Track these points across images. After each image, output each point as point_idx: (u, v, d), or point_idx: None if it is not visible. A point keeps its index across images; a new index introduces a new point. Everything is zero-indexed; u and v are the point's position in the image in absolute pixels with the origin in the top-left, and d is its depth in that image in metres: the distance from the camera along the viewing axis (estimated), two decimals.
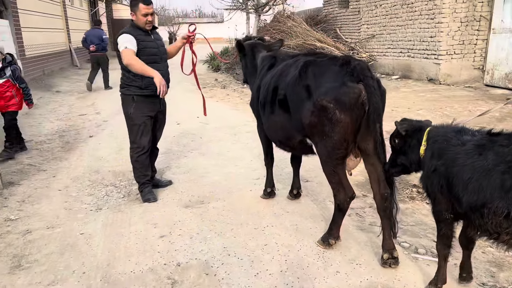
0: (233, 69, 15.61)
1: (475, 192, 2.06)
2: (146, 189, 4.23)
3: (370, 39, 12.85)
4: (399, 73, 11.54)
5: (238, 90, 11.45)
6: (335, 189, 3.00)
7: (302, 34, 13.38)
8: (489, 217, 2.03)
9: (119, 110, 5.76)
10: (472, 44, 9.83)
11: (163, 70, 4.12)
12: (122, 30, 4.04)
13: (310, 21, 14.91)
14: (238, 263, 3.00)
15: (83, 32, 12.99)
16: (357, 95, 2.72)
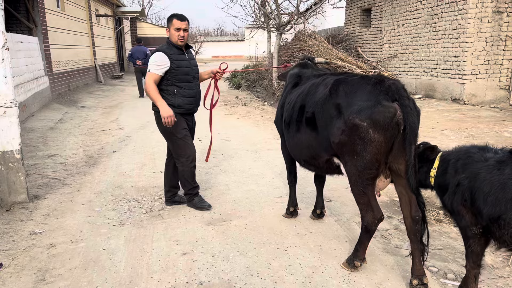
0: (254, 86, 15.73)
1: (493, 205, 2.17)
2: (197, 198, 4.37)
3: (392, 58, 12.79)
4: (422, 93, 11.41)
5: (259, 108, 11.49)
6: (363, 210, 2.93)
7: (324, 53, 13.40)
8: (505, 227, 2.11)
9: (142, 126, 5.80)
10: (497, 64, 9.67)
11: (195, 90, 4.26)
12: (157, 47, 4.18)
13: (332, 40, 14.95)
14: (261, 283, 2.94)
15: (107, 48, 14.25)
16: (393, 114, 2.67)
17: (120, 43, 25.86)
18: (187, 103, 4.18)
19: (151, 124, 9.16)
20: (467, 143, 6.32)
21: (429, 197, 4.55)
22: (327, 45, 13.96)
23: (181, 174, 4.33)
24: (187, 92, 4.16)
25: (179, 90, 4.12)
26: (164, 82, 4.09)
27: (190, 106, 4.22)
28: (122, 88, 17.66)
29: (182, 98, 4.13)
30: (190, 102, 4.21)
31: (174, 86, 4.10)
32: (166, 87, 4.10)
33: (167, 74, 4.06)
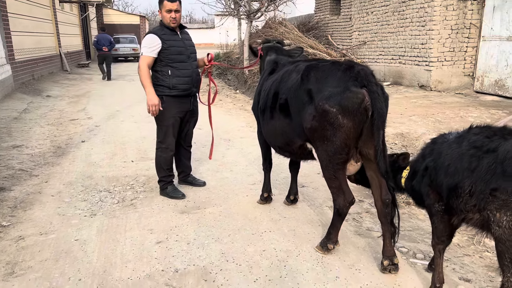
0: (225, 74, 15.62)
1: (452, 175, 2.28)
2: (170, 187, 4.36)
3: (361, 46, 12.96)
4: (390, 80, 11.64)
5: (231, 96, 11.44)
6: (335, 194, 2.99)
7: (294, 40, 13.43)
8: (461, 195, 2.23)
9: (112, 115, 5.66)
10: (462, 51, 9.96)
11: (191, 69, 4.20)
12: (148, 31, 4.11)
13: (302, 28, 15.00)
14: (237, 269, 2.97)
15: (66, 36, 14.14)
16: (361, 100, 2.71)
17: (86, 31, 25.06)
18: (182, 83, 4.11)
19: (121, 113, 9.02)
20: (434, 128, 6.52)
21: None
22: (297, 33, 14.00)
23: (158, 159, 4.33)
24: (181, 72, 4.10)
25: (173, 71, 4.07)
26: (158, 64, 4.05)
27: (186, 87, 4.15)
28: (89, 76, 17.18)
29: (177, 79, 4.07)
30: (186, 82, 4.13)
31: (168, 67, 4.05)
32: (161, 68, 4.06)
33: (160, 55, 4.02)
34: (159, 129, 4.24)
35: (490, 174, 2.09)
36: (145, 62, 3.99)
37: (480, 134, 2.29)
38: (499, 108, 7.90)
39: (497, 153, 2.09)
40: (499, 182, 2.04)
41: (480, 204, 2.14)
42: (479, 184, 2.14)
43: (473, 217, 2.24)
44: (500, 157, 2.07)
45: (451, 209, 2.38)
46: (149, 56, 3.99)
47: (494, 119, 7.07)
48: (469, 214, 2.26)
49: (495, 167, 2.08)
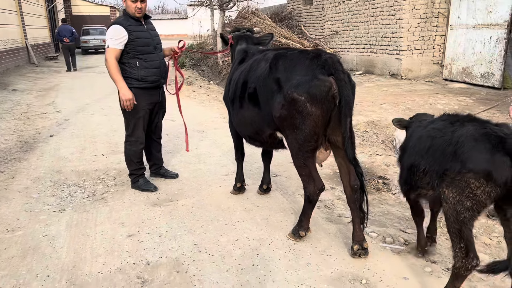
0: (199, 65, 15.46)
1: (413, 155, 2.44)
2: (142, 180, 4.29)
3: (334, 35, 13.05)
4: (362, 69, 11.78)
5: (205, 87, 11.34)
6: (305, 181, 3.01)
7: (267, 31, 13.40)
8: (417, 174, 2.38)
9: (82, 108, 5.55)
10: (431, 40, 10.17)
11: (158, 61, 4.13)
12: (114, 20, 4.02)
13: (275, 18, 14.97)
14: (210, 259, 2.96)
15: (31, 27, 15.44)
16: (328, 88, 2.73)
17: (53, 22, 24.27)
18: (151, 75, 4.05)
19: (91, 106, 8.82)
20: (404, 115, 6.64)
21: (369, 167, 4.77)
22: (270, 23, 13.96)
23: (127, 153, 4.25)
24: (149, 64, 4.03)
25: (141, 62, 3.99)
26: (125, 56, 3.95)
27: (155, 78, 4.09)
28: (58, 69, 16.68)
29: (145, 70, 4.00)
30: (155, 73, 4.08)
31: (136, 59, 3.97)
32: (128, 60, 3.97)
33: (126, 46, 3.91)
34: (128, 122, 4.15)
35: (444, 155, 2.22)
36: (113, 55, 3.87)
37: (447, 120, 2.42)
38: (466, 95, 8.12)
39: (452, 137, 2.22)
40: (449, 162, 2.17)
41: (434, 182, 2.28)
42: (433, 164, 2.28)
43: (427, 193, 2.42)
44: (453, 141, 2.20)
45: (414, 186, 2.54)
46: (116, 49, 3.88)
47: (461, 105, 7.26)
48: (423, 190, 2.44)
49: (448, 149, 2.20)
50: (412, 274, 2.75)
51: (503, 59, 8.48)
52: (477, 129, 2.17)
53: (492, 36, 8.67)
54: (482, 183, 2.07)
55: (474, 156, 2.09)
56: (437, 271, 2.78)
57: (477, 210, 2.14)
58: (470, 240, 2.20)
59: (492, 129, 2.14)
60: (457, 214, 2.16)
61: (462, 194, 2.13)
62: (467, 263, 2.20)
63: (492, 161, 2.05)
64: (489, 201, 2.12)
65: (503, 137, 2.08)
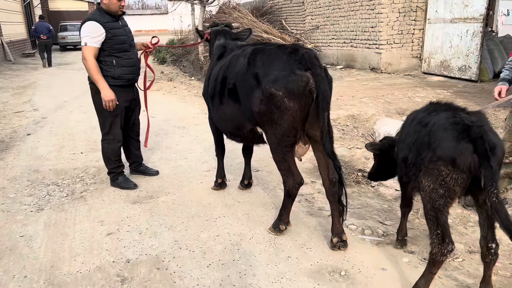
0: (180, 61, 15.33)
1: (404, 149, 2.47)
2: (121, 177, 4.25)
3: (314, 30, 13.09)
4: (343, 63, 11.87)
5: (186, 83, 11.26)
6: (284, 175, 3.03)
7: (248, 26, 13.36)
8: (409, 166, 2.41)
9: (60, 106, 5.44)
10: (410, 34, 10.29)
11: (134, 58, 4.09)
12: (87, 16, 3.91)
13: (256, 12, 14.94)
14: (190, 255, 2.96)
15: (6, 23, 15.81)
16: (305, 83, 2.75)
17: (30, 18, 23.72)
18: (127, 73, 4.01)
19: (69, 104, 8.67)
20: (384, 109, 6.73)
21: (349, 161, 4.82)
22: (251, 18, 13.93)
23: (105, 151, 4.19)
24: (126, 62, 3.99)
25: (118, 60, 3.93)
26: (101, 54, 3.87)
27: (131, 76, 4.06)
28: (35, 66, 16.34)
29: (122, 69, 3.96)
30: (131, 71, 4.05)
31: (112, 57, 3.90)
32: (104, 58, 3.89)
33: (103, 44, 3.83)
34: (104, 120, 4.08)
35: (422, 146, 2.28)
36: (92, 54, 3.78)
37: (426, 110, 2.48)
38: (444, 88, 8.26)
39: (428, 126, 2.29)
40: (426, 151, 2.24)
41: (416, 173, 2.34)
42: (416, 155, 2.34)
43: (415, 185, 2.45)
44: (427, 130, 2.27)
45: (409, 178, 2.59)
46: (94, 47, 3.79)
47: (439, 98, 7.38)
48: (413, 183, 2.48)
49: (425, 139, 2.27)
50: (390, 264, 2.80)
51: (479, 52, 8.65)
52: (448, 117, 2.25)
53: (468, 29, 8.83)
54: (450, 170, 2.16)
55: (442, 144, 2.18)
56: (414, 261, 2.83)
57: (449, 197, 2.22)
58: (445, 226, 2.27)
59: (461, 118, 2.22)
60: (433, 202, 2.24)
61: (436, 182, 2.21)
62: (443, 248, 2.27)
63: (456, 148, 2.14)
64: (459, 188, 2.20)
65: (469, 125, 2.17)
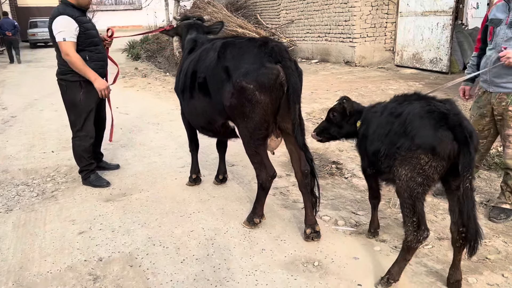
0: (155, 57, 15.14)
1: (375, 141, 2.49)
2: (93, 175, 4.19)
3: (289, 24, 13.12)
4: (318, 57, 11.95)
5: (160, 79, 11.13)
6: (257, 169, 3.04)
7: (224, 20, 13.29)
8: (380, 159, 2.44)
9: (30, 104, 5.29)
10: (382, 27, 10.44)
11: (103, 52, 4.07)
12: (55, 10, 3.79)
13: (231, 7, 14.86)
14: (164, 251, 2.94)
15: None
16: (276, 76, 2.76)
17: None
18: (99, 68, 3.98)
19: (40, 102, 8.46)
20: (358, 102, 6.81)
21: (323, 153, 4.87)
22: (226, 12, 13.86)
23: (77, 149, 4.11)
24: (97, 56, 3.96)
25: (91, 55, 3.89)
26: None
27: (102, 71, 4.03)
28: (4, 64, 15.85)
29: (94, 63, 3.92)
30: (102, 66, 4.03)
31: (85, 51, 3.85)
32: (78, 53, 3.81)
33: (77, 39, 3.77)
34: (78, 116, 4.00)
35: (397, 136, 2.30)
36: (73, 48, 3.71)
37: (396, 101, 2.52)
38: (416, 80, 8.43)
39: (402, 117, 2.31)
40: (401, 140, 2.26)
41: (390, 163, 2.35)
42: (390, 146, 2.36)
43: (389, 176, 2.47)
44: (402, 119, 2.30)
45: (378, 171, 2.63)
46: (74, 41, 3.72)
47: (412, 90, 7.51)
48: (387, 174, 2.50)
49: (399, 129, 2.30)
50: (362, 253, 2.84)
51: (450, 45, 8.85)
52: (423, 106, 2.29)
53: (439, 22, 9.01)
54: (429, 158, 2.19)
55: (421, 133, 2.21)
56: (386, 250, 2.89)
57: (427, 184, 2.26)
58: (422, 214, 2.32)
59: (436, 106, 2.26)
60: (411, 190, 2.27)
61: (413, 171, 2.24)
62: (418, 235, 2.32)
63: (436, 136, 2.17)
64: (437, 175, 2.25)
65: (445, 113, 2.21)
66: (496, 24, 3.07)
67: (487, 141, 3.36)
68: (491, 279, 2.55)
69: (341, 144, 5.18)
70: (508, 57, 2.89)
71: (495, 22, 3.08)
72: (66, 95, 3.97)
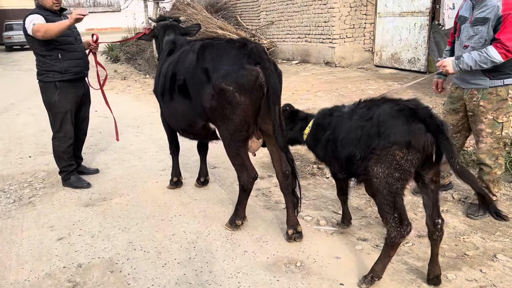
0: (134, 59, 14.98)
1: (348, 146, 2.53)
2: (74, 177, 4.17)
3: (270, 26, 13.15)
4: (298, 58, 12.00)
5: (140, 81, 11.02)
6: (238, 170, 3.03)
7: (203, 22, 13.23)
8: (355, 162, 2.48)
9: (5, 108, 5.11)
10: (361, 28, 10.55)
11: (81, 51, 4.04)
12: (28, 13, 3.81)
13: (210, 9, 14.80)
14: (145, 256, 2.90)
15: None
16: (255, 77, 2.76)
17: None
18: (74, 66, 3.95)
19: (16, 106, 8.27)
20: (338, 102, 6.87)
21: (304, 154, 4.89)
22: (206, 14, 13.80)
23: (56, 149, 4.09)
24: (72, 55, 3.93)
25: (63, 53, 3.87)
26: (45, 48, 3.80)
27: (78, 69, 4.00)
28: None
29: (68, 62, 3.90)
30: (78, 64, 3.99)
31: (57, 50, 3.84)
32: (49, 52, 3.82)
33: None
34: (55, 117, 4.01)
35: (370, 138, 2.36)
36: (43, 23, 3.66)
37: (365, 106, 2.58)
38: (395, 80, 8.54)
39: (373, 119, 2.38)
40: (375, 141, 2.32)
41: (364, 164, 2.41)
42: (364, 149, 2.41)
43: (366, 178, 2.51)
44: (374, 122, 2.37)
45: (350, 174, 2.68)
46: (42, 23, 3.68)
47: (391, 90, 7.62)
48: (362, 176, 2.54)
49: (372, 131, 2.36)
50: (344, 253, 2.86)
51: (427, 45, 8.99)
52: (392, 106, 2.37)
53: (416, 23, 9.16)
54: (405, 153, 2.25)
55: (394, 130, 2.27)
56: (367, 248, 2.91)
57: (405, 179, 2.32)
58: (402, 209, 2.36)
59: (405, 104, 2.36)
60: (389, 186, 2.32)
61: (390, 167, 2.29)
62: (402, 230, 2.36)
63: (409, 130, 2.24)
64: (413, 168, 2.30)
65: (414, 108, 2.30)
66: (462, 22, 3.19)
67: (461, 135, 3.43)
68: (469, 274, 2.60)
69: None
70: (444, 66, 3.12)
71: (461, 19, 3.21)
72: (43, 96, 4.00)
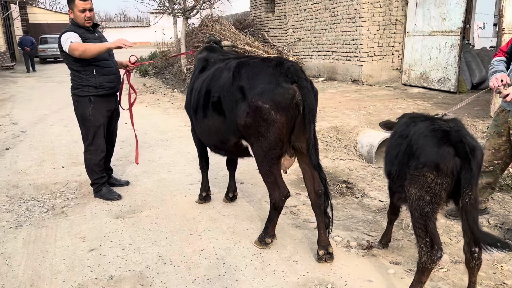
0: (162, 73, 15.29)
1: (388, 163, 2.58)
2: (105, 188, 4.24)
3: (296, 43, 13.24)
4: (325, 75, 12.00)
5: (169, 95, 11.22)
6: (270, 188, 3.02)
7: (231, 38, 13.43)
8: (394, 179, 2.52)
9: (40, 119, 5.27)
10: (390, 46, 10.49)
11: (114, 67, 4.14)
12: (63, 30, 3.94)
13: (238, 25, 15.03)
14: (175, 270, 2.91)
15: None
16: (292, 95, 2.77)
17: (9, 30, 23.38)
18: (108, 82, 4.06)
19: (50, 117, 8.53)
20: (365, 120, 6.81)
21: (333, 172, 4.85)
22: (234, 31, 14.01)
23: (88, 162, 4.18)
24: (107, 70, 4.03)
25: (98, 69, 3.98)
26: (80, 64, 3.91)
27: (112, 84, 4.10)
28: (14, 79, 16.07)
29: (103, 77, 4.00)
30: (112, 80, 4.09)
31: (92, 66, 3.94)
32: (84, 68, 3.93)
33: None
34: (87, 131, 4.10)
35: (406, 156, 2.36)
36: (81, 42, 3.79)
37: (404, 124, 2.57)
38: (424, 99, 8.42)
39: (408, 138, 2.37)
40: (410, 161, 2.31)
41: (402, 183, 2.39)
42: (400, 167, 2.41)
43: (402, 196, 2.51)
44: (408, 140, 2.36)
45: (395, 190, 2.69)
46: (79, 42, 3.80)
47: (420, 109, 7.51)
48: (400, 194, 2.55)
49: (407, 149, 2.35)
50: (376, 276, 2.80)
51: (458, 65, 8.86)
52: (427, 126, 2.34)
53: (446, 42, 9.05)
54: (435, 175, 2.22)
55: (425, 151, 2.25)
56: (400, 272, 2.84)
57: (436, 202, 2.27)
58: (434, 233, 2.31)
59: (439, 125, 2.32)
60: (421, 209, 2.28)
61: (422, 189, 2.26)
62: (432, 255, 2.31)
63: (438, 153, 2.21)
64: (444, 192, 2.26)
65: (448, 130, 2.27)
66: None
67: (503, 162, 3.33)
68: None
69: (350, 163, 5.17)
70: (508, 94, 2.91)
71: None
72: (77, 109, 4.09)
